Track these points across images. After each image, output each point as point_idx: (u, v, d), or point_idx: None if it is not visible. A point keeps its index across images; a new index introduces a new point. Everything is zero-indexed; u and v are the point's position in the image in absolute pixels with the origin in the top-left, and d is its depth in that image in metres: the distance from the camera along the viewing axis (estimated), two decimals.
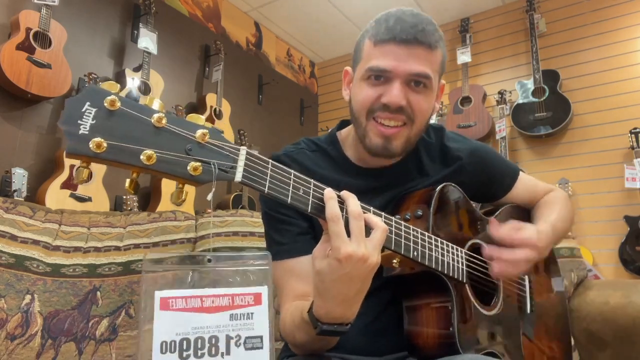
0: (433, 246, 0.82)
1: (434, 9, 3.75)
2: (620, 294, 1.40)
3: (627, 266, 2.84)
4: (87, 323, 1.10)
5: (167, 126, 0.55)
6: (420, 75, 0.83)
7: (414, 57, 0.82)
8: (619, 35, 3.17)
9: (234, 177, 0.59)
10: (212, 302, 0.55)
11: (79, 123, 0.50)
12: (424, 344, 0.83)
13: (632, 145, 2.88)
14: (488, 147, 1.09)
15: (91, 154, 0.50)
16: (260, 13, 3.83)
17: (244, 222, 1.37)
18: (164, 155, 0.54)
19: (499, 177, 1.07)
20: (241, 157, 0.60)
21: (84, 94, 0.51)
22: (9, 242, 1.08)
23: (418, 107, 0.85)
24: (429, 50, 0.83)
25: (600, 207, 3.04)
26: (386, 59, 0.82)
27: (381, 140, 0.86)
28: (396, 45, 0.81)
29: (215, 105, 3.17)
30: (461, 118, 3.49)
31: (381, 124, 0.85)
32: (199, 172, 0.56)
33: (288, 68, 4.26)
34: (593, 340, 1.41)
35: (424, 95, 0.85)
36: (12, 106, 2.26)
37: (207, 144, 0.57)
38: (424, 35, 0.82)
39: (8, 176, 2.17)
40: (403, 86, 0.83)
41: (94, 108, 0.51)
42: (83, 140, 0.49)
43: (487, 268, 0.95)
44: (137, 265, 1.20)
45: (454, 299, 0.82)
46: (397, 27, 0.81)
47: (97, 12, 2.73)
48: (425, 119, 0.89)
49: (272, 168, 0.63)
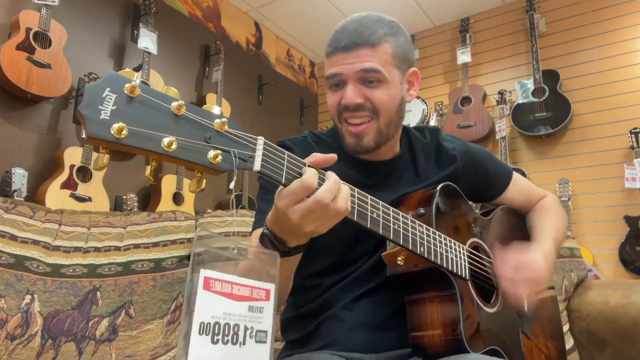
0: (438, 242, 0.83)
1: (434, 9, 3.75)
2: (620, 294, 1.40)
3: (627, 266, 2.84)
4: (87, 323, 1.10)
5: (187, 114, 0.55)
6: (367, 71, 0.88)
7: (357, 57, 0.88)
8: (619, 35, 3.17)
9: (252, 166, 0.60)
10: (239, 290, 0.55)
11: (100, 108, 0.49)
12: (430, 342, 0.83)
13: (632, 145, 2.88)
14: (482, 148, 1.13)
15: (113, 139, 0.49)
16: (260, 13, 3.83)
17: (243, 222, 1.37)
18: (185, 143, 0.54)
19: (493, 177, 1.10)
20: (259, 147, 0.61)
21: (104, 80, 0.51)
22: (9, 242, 1.08)
23: (378, 100, 0.89)
24: (371, 48, 0.88)
25: (600, 207, 3.04)
26: (334, 66, 0.90)
27: (353, 139, 0.92)
28: (342, 53, 0.89)
29: (215, 105, 3.17)
30: (461, 118, 3.49)
31: (350, 124, 0.91)
32: (218, 161, 0.56)
33: (288, 68, 4.26)
34: (593, 340, 1.41)
35: (381, 89, 0.90)
36: (12, 106, 2.26)
37: (225, 132, 0.58)
38: (362, 37, 0.88)
39: (8, 176, 2.17)
40: (357, 85, 0.89)
41: (114, 94, 0.50)
42: (104, 125, 0.49)
43: (486, 266, 0.96)
44: (137, 266, 1.20)
45: (459, 296, 0.82)
46: (339, 37, 0.90)
47: (97, 12, 2.73)
48: (390, 110, 0.92)
49: (288, 159, 0.64)
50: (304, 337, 0.94)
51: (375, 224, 0.73)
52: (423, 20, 3.91)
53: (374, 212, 0.74)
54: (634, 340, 1.32)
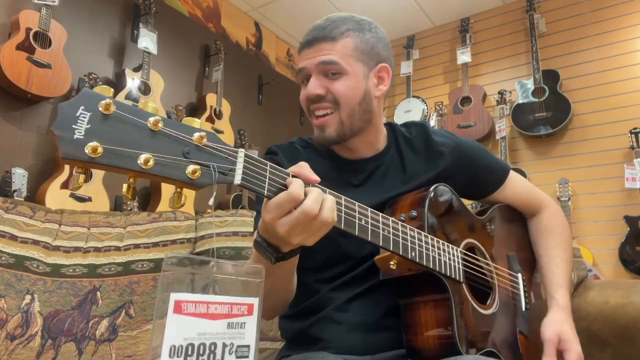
0: (430, 246, 0.82)
1: (434, 9, 3.75)
2: (620, 294, 1.40)
3: (627, 266, 2.83)
4: (87, 323, 1.10)
5: (164, 129, 0.54)
6: (326, 63, 0.91)
7: (319, 51, 0.92)
8: (619, 35, 3.17)
9: (233, 179, 0.58)
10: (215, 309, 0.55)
11: (74, 127, 0.48)
12: (424, 345, 0.83)
13: (632, 145, 2.88)
14: (475, 143, 1.11)
15: (87, 159, 0.49)
16: (260, 13, 3.83)
17: (244, 222, 1.37)
18: (162, 159, 0.53)
19: (486, 173, 1.08)
20: (239, 159, 0.59)
21: (78, 98, 0.50)
22: (9, 242, 1.08)
23: (336, 91, 0.92)
24: (331, 42, 0.92)
25: (600, 207, 3.04)
26: (301, 61, 0.95)
27: (318, 131, 0.94)
28: (306, 48, 0.94)
29: (215, 105, 3.17)
30: (461, 118, 3.49)
31: (316, 117, 0.94)
32: (197, 175, 0.55)
33: (288, 68, 4.26)
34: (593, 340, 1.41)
35: (341, 80, 0.92)
36: (12, 106, 2.26)
37: (204, 146, 0.57)
38: (324, 32, 0.93)
39: (8, 176, 2.17)
40: (319, 78, 0.92)
41: (88, 112, 0.50)
42: (78, 145, 0.48)
43: (482, 267, 0.96)
44: (137, 266, 1.20)
45: (452, 299, 0.82)
46: (306, 35, 0.96)
47: (97, 12, 2.73)
48: (351, 101, 0.93)
49: (270, 170, 0.63)
50: (300, 336, 0.94)
51: (364, 231, 0.73)
52: (423, 20, 3.91)
53: (362, 219, 0.73)
54: (634, 340, 1.32)
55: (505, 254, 1.07)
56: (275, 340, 1.17)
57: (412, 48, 3.97)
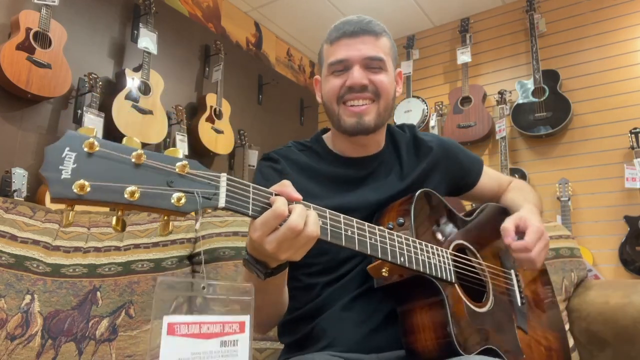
0: (419, 250, 0.84)
1: (434, 9, 3.75)
2: (620, 294, 1.40)
3: (627, 266, 2.84)
4: (87, 323, 1.10)
5: (147, 162, 0.56)
6: (373, 58, 0.96)
7: (364, 44, 0.95)
8: (619, 35, 3.17)
9: (217, 203, 0.60)
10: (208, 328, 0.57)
11: (61, 168, 0.51)
12: (423, 348, 0.84)
13: (632, 145, 2.88)
14: (453, 141, 1.20)
15: (75, 197, 0.51)
16: (260, 13, 3.83)
17: (244, 222, 1.37)
18: (147, 190, 0.55)
19: (469, 165, 1.16)
20: (222, 183, 0.61)
21: (62, 140, 0.52)
22: (9, 242, 1.08)
23: (380, 84, 0.96)
24: (375, 37, 0.97)
25: (600, 207, 3.04)
26: (342, 51, 0.96)
27: (354, 119, 0.96)
28: (347, 38, 0.96)
29: (215, 105, 3.17)
30: (461, 118, 3.49)
31: (351, 106, 0.96)
32: (182, 203, 0.57)
33: (288, 68, 4.26)
34: (593, 340, 1.41)
35: (383, 75, 0.97)
36: (12, 106, 2.26)
37: (187, 174, 0.59)
38: (368, 26, 0.96)
39: (8, 176, 2.17)
40: (362, 69, 0.95)
41: (73, 153, 0.52)
42: (66, 185, 0.51)
43: (474, 267, 0.97)
44: (137, 266, 1.20)
45: (446, 300, 0.83)
46: (344, 26, 0.97)
47: (97, 12, 2.73)
48: (389, 96, 0.99)
49: (253, 191, 0.65)
50: (302, 339, 0.94)
51: (351, 242, 0.74)
52: (423, 20, 3.91)
53: (348, 230, 0.75)
54: (634, 341, 1.32)
55: (497, 252, 1.08)
56: (275, 340, 1.16)
57: (412, 48, 3.97)
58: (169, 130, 2.89)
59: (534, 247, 0.91)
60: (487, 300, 0.95)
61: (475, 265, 0.99)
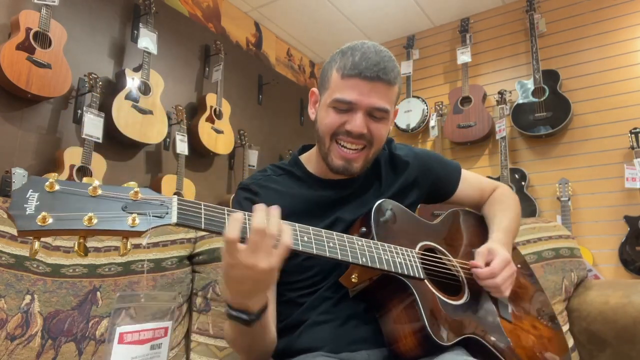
0: (381, 251, 0.86)
1: (434, 9, 3.75)
2: (620, 294, 1.41)
3: (627, 266, 2.84)
4: (87, 323, 1.10)
5: (103, 193, 0.63)
6: (379, 109, 0.94)
7: (376, 92, 0.92)
8: (619, 35, 3.16)
9: (170, 220, 0.66)
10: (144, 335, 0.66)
11: (25, 206, 0.58)
12: (404, 346, 0.85)
13: (632, 145, 2.88)
14: (428, 151, 1.22)
15: (38, 228, 0.57)
16: (260, 13, 3.83)
17: None
18: (103, 216, 0.61)
19: (445, 174, 1.17)
20: (174, 204, 0.68)
21: (26, 184, 0.60)
22: (9, 242, 1.08)
23: (377, 134, 0.96)
24: (388, 87, 0.94)
25: (600, 207, 3.04)
26: (352, 93, 0.92)
27: (342, 162, 0.97)
28: (361, 80, 0.91)
29: (215, 105, 3.17)
30: (461, 118, 3.49)
31: (343, 147, 0.96)
32: (137, 223, 0.63)
33: (288, 68, 4.26)
34: (593, 340, 1.41)
35: (383, 124, 0.97)
36: (12, 106, 2.26)
37: (140, 199, 0.65)
38: (385, 73, 0.92)
39: (8, 176, 2.17)
40: (365, 116, 0.94)
41: (36, 192, 0.59)
42: (30, 219, 0.57)
43: (444, 264, 1.00)
44: (137, 266, 1.20)
45: (416, 295, 0.85)
46: (362, 64, 0.91)
47: (97, 12, 2.73)
48: (382, 143, 1.00)
49: (205, 208, 0.70)
50: (289, 347, 0.95)
51: (308, 247, 0.77)
52: (423, 20, 3.91)
53: (304, 237, 0.77)
54: (634, 341, 1.32)
55: (468, 250, 1.10)
56: None
57: (412, 48, 3.97)
58: (169, 130, 2.89)
59: (499, 273, 0.95)
60: (462, 293, 0.97)
61: (446, 262, 1.01)
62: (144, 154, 2.84)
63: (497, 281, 0.95)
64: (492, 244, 1.03)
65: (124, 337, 0.62)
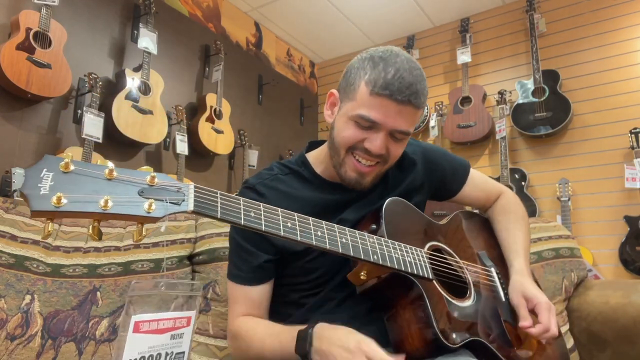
0: (392, 249, 0.85)
1: (434, 9, 3.75)
2: (620, 294, 1.41)
3: (627, 266, 2.84)
4: (87, 323, 1.10)
5: (119, 176, 0.61)
6: (403, 132, 0.92)
7: (403, 115, 0.89)
8: (619, 35, 3.16)
9: (186, 207, 0.65)
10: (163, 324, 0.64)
11: (39, 186, 0.56)
12: (410, 345, 0.85)
13: (632, 145, 2.88)
14: (436, 147, 1.20)
15: (53, 209, 0.55)
16: (260, 13, 3.83)
17: None
18: (119, 200, 0.60)
19: (452, 171, 1.16)
20: (190, 191, 0.66)
21: (40, 162, 0.57)
22: (9, 242, 1.08)
23: (394, 154, 0.96)
24: (416, 111, 0.91)
25: (600, 207, 3.04)
26: (378, 113, 0.88)
27: (355, 175, 0.95)
28: (390, 102, 0.87)
29: (215, 105, 3.17)
30: (461, 118, 3.49)
31: (358, 161, 0.94)
32: (153, 209, 0.61)
33: (288, 68, 4.26)
34: (593, 340, 1.41)
35: (402, 144, 0.96)
36: (12, 106, 2.26)
37: (157, 185, 0.64)
38: (417, 97, 0.88)
39: (8, 176, 2.16)
40: (386, 137, 0.91)
41: (50, 172, 0.57)
42: (45, 199, 0.55)
43: (451, 264, 1.00)
44: (137, 266, 1.20)
45: (425, 295, 0.85)
46: (395, 84, 0.86)
47: (97, 12, 2.73)
48: (396, 159, 0.99)
49: (221, 196, 0.69)
50: None
51: (321, 242, 0.76)
52: (423, 20, 3.91)
53: (318, 231, 0.77)
54: (634, 341, 1.33)
55: (475, 253, 1.10)
56: None
57: (412, 48, 3.97)
58: (169, 130, 2.89)
59: (550, 324, 0.95)
60: (469, 295, 0.97)
61: (452, 263, 1.01)
62: (144, 154, 2.84)
63: (552, 332, 0.95)
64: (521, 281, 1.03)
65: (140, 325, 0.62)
